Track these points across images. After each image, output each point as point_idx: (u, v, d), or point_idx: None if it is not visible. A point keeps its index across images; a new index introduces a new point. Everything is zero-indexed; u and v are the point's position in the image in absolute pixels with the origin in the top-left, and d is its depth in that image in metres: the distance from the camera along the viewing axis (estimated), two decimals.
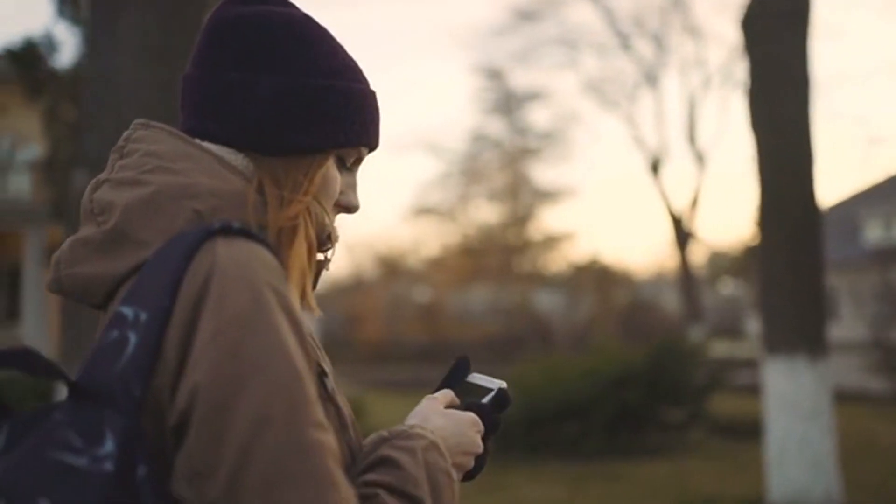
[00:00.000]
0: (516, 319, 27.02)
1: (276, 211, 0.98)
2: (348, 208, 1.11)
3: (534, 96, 30.13)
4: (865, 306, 18.95)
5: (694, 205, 23.30)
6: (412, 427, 1.02)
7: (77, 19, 10.59)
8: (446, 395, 1.13)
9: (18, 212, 15.34)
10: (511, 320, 27.00)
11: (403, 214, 47.77)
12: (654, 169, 23.96)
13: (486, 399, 1.15)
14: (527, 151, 30.84)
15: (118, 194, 0.95)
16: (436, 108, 54.89)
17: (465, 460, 1.07)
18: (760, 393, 7.02)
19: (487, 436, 1.12)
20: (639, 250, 62.73)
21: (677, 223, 23.09)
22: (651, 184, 32.42)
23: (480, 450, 1.09)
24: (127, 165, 0.98)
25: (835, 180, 55.02)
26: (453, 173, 32.27)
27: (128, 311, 0.85)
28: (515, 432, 9.63)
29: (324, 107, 1.01)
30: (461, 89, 61.20)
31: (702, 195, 33.16)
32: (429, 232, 42.33)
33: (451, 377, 1.20)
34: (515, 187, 31.03)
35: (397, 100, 49.06)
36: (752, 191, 7.17)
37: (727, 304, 39.35)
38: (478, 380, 1.19)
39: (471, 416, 1.09)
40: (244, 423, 0.79)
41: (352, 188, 1.11)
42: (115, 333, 0.84)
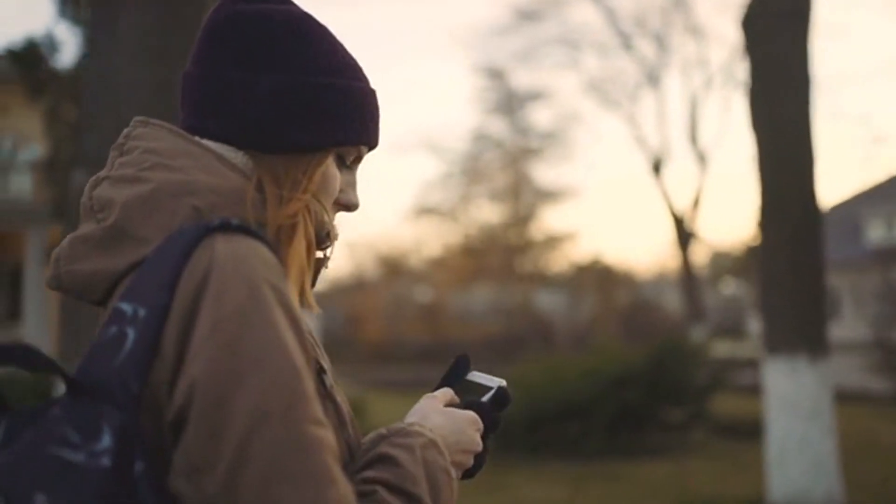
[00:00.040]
0: (518, 319, 26.97)
1: (276, 209, 0.98)
2: (348, 206, 1.11)
3: (535, 96, 30.06)
4: (867, 306, 18.94)
5: (696, 205, 23.26)
6: (411, 425, 1.02)
7: (78, 19, 10.59)
8: (446, 393, 1.13)
9: (20, 212, 15.34)
10: (512, 320, 26.95)
11: (405, 214, 47.73)
12: (656, 169, 23.92)
13: (485, 397, 1.14)
14: (528, 151, 30.80)
15: (118, 191, 0.95)
16: (437, 108, 54.86)
17: (464, 458, 1.07)
18: (761, 393, 7.02)
19: (487, 434, 1.11)
20: (640, 250, 62.75)
21: (679, 223, 23.04)
22: (653, 184, 32.46)
23: (480, 448, 1.09)
24: (126, 163, 0.98)
25: (837, 180, 54.95)
26: (455, 173, 32.23)
27: (126, 308, 0.85)
28: (516, 432, 9.61)
29: (323, 105, 1.01)
30: (463, 89, 61.17)
31: (703, 195, 33.10)
32: (430, 232, 42.33)
33: (450, 375, 1.19)
34: (517, 187, 31.00)
35: (399, 100, 49.05)
36: (754, 191, 7.16)
37: (729, 304, 39.30)
38: (477, 378, 1.18)
39: (470, 415, 1.09)
40: (242, 418, 0.79)
41: (351, 186, 1.10)
42: (114, 329, 0.85)
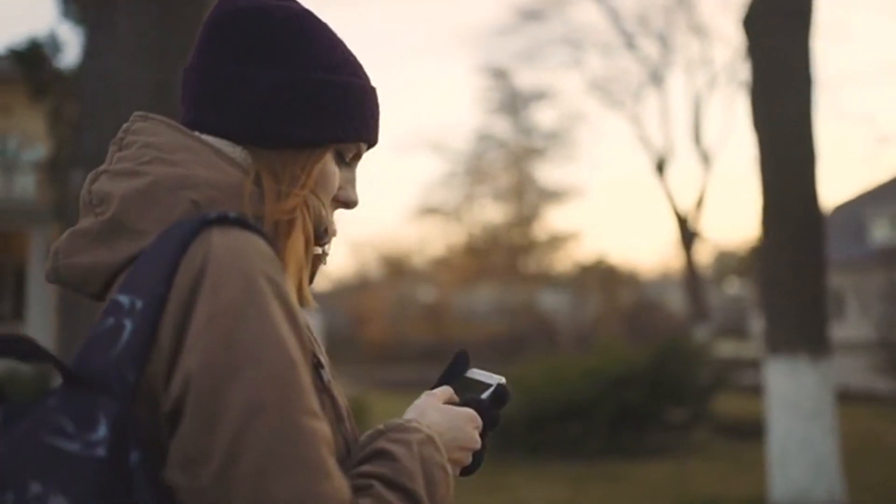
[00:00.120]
0: (521, 319, 26.92)
1: (273, 203, 0.98)
2: (347, 203, 1.11)
3: (539, 96, 29.93)
4: (872, 306, 18.90)
5: (700, 204, 23.20)
6: (408, 421, 1.02)
7: (81, 19, 10.60)
8: (445, 391, 1.12)
9: (23, 212, 15.36)
10: (516, 320, 26.90)
11: (408, 214, 47.71)
12: (660, 168, 23.86)
13: (484, 395, 1.13)
14: (532, 151, 30.77)
15: (116, 185, 0.96)
16: (441, 107, 54.80)
17: (462, 456, 1.07)
18: (763, 393, 7.01)
19: (486, 431, 1.10)
20: (644, 250, 62.65)
21: (683, 223, 22.99)
22: (656, 183, 32.29)
23: (478, 445, 1.08)
24: (125, 157, 0.99)
25: (841, 180, 54.81)
26: (458, 173, 32.20)
27: (124, 299, 0.86)
28: (516, 432, 9.58)
29: (323, 101, 1.02)
30: (466, 89, 61.29)
31: (707, 195, 33.02)
32: (434, 232, 42.29)
33: (449, 372, 1.18)
34: (520, 187, 30.98)
35: (402, 100, 49.08)
36: (756, 190, 7.14)
37: (733, 303, 39.18)
38: (477, 375, 1.17)
39: (468, 412, 1.08)
40: (237, 410, 0.79)
41: (350, 183, 1.10)
42: (111, 321, 0.85)
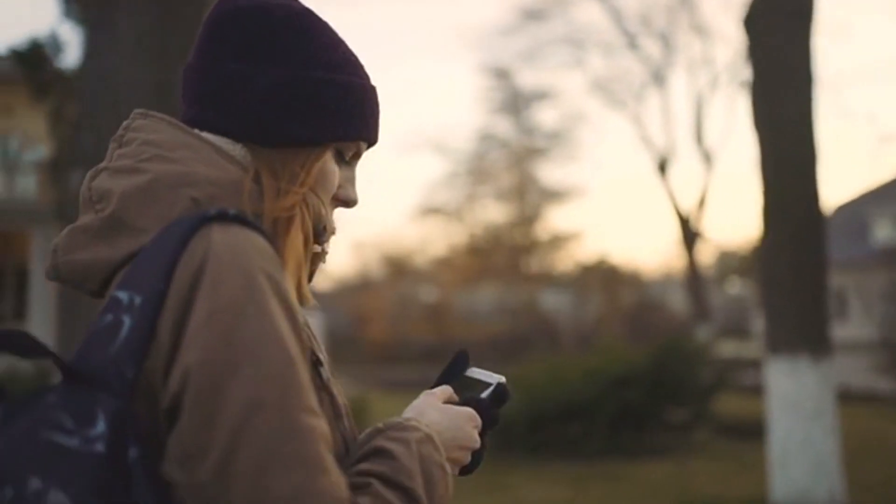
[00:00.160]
0: (523, 319, 26.95)
1: (273, 201, 0.98)
2: (346, 202, 1.11)
3: (541, 96, 29.95)
4: (874, 306, 18.89)
5: (701, 204, 23.19)
6: (407, 420, 1.02)
7: (82, 20, 10.61)
8: (444, 390, 1.12)
9: (25, 212, 15.38)
10: (518, 320, 26.93)
11: (410, 214, 47.82)
12: (662, 168, 23.85)
13: (484, 394, 1.13)
14: (534, 151, 30.79)
15: (116, 182, 0.96)
16: (443, 107, 54.85)
17: (461, 455, 1.06)
18: (764, 393, 7.00)
19: (485, 431, 1.10)
20: (646, 250, 62.49)
21: (685, 223, 22.98)
22: (658, 183, 32.30)
23: (477, 445, 1.08)
24: (125, 154, 0.99)
25: (843, 179, 54.79)
26: (460, 173, 32.25)
27: (123, 296, 0.86)
28: (517, 432, 9.52)
29: (323, 100, 1.02)
30: (468, 89, 61.25)
31: (709, 195, 32.94)
32: (436, 232, 42.41)
33: (449, 372, 1.18)
34: (522, 187, 30.98)
35: (404, 100, 49.06)
36: (757, 190, 7.14)
37: (735, 303, 39.13)
38: (476, 374, 1.17)
39: (468, 411, 1.08)
40: (236, 406, 0.79)
41: (350, 182, 1.11)
42: (110, 317, 0.85)
